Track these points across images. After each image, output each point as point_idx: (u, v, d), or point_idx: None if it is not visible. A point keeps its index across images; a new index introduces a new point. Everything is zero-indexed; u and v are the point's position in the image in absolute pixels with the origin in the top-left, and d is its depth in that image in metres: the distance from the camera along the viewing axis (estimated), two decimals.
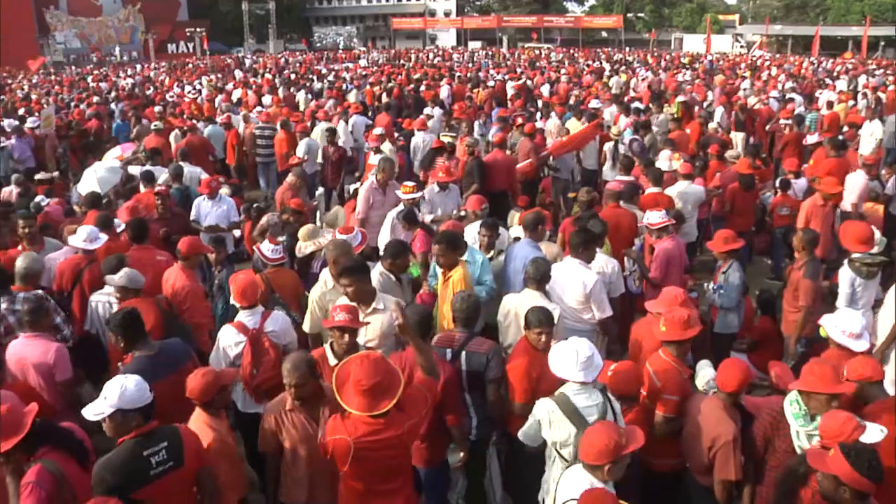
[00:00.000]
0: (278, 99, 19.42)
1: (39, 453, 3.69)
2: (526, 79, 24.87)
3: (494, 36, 70.76)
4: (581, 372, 4.18)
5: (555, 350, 4.37)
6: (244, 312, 5.32)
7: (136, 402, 3.75)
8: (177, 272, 6.38)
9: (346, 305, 4.70)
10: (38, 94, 26.07)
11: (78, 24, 64.07)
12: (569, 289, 5.99)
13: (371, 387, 3.71)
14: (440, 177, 8.87)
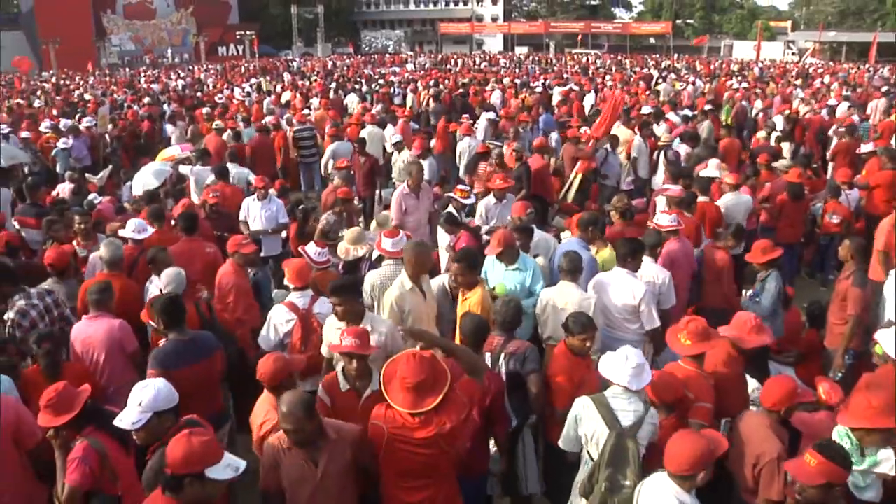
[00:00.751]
0: (326, 102, 19.55)
1: (86, 432, 3.91)
2: (573, 85, 24.68)
3: (541, 42, 70.53)
4: (631, 378, 4.19)
5: (607, 355, 4.40)
6: (295, 294, 5.77)
7: (170, 402, 3.88)
8: (227, 268, 6.54)
9: (354, 329, 4.44)
10: (94, 96, 26.64)
11: (132, 28, 65.61)
12: (616, 298, 5.93)
13: (416, 384, 3.73)
14: (497, 184, 8.64)
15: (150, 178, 10.30)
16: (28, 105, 23.99)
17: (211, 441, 3.23)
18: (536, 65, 43.91)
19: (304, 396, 3.71)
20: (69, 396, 3.94)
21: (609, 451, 4.20)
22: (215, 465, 3.18)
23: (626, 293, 5.88)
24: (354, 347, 4.26)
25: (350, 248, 7.24)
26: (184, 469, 3.13)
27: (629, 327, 5.94)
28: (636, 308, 5.88)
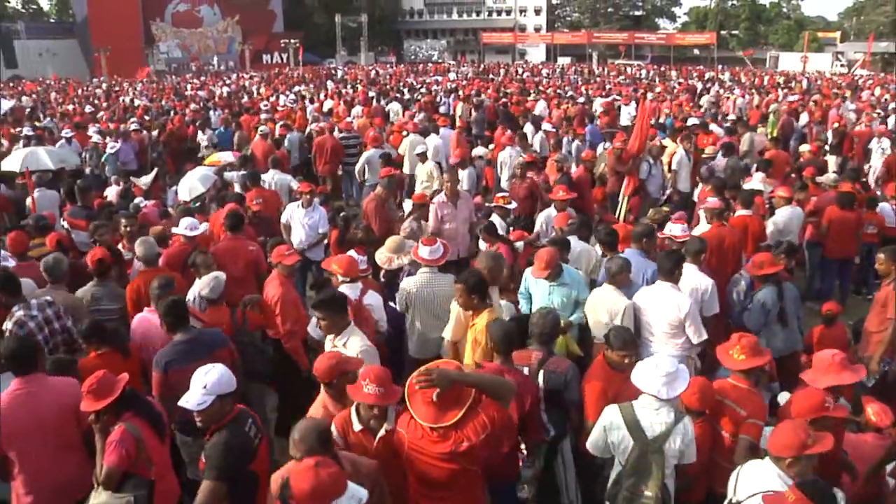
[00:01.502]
0: (368, 110, 19.68)
1: (124, 417, 4.15)
2: (616, 96, 24.50)
3: (584, 52, 70.15)
4: (663, 388, 4.16)
5: (640, 363, 4.37)
6: (346, 286, 6.00)
7: (231, 386, 4.05)
8: (273, 280, 6.55)
9: (376, 374, 3.97)
10: (142, 102, 27.15)
11: (180, 35, 66.84)
12: (661, 313, 5.86)
13: (438, 398, 3.72)
14: (560, 196, 8.56)
15: (196, 183, 10.44)
16: (81, 110, 24.50)
17: (337, 473, 3.23)
18: (579, 75, 43.73)
19: (320, 424, 3.62)
20: (109, 383, 4.16)
21: (632, 461, 4.24)
22: (340, 497, 3.18)
23: (672, 307, 5.81)
24: (376, 398, 3.92)
25: (392, 257, 7.26)
26: (311, 502, 3.13)
27: (675, 342, 5.87)
28: (682, 322, 5.81)
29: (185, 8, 67.27)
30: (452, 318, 5.70)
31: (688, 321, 5.79)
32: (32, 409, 4.37)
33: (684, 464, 4.29)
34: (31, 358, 4.59)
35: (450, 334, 5.78)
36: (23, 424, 4.33)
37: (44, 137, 16.21)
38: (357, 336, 5.09)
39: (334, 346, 5.05)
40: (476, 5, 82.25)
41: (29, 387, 4.46)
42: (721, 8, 78.81)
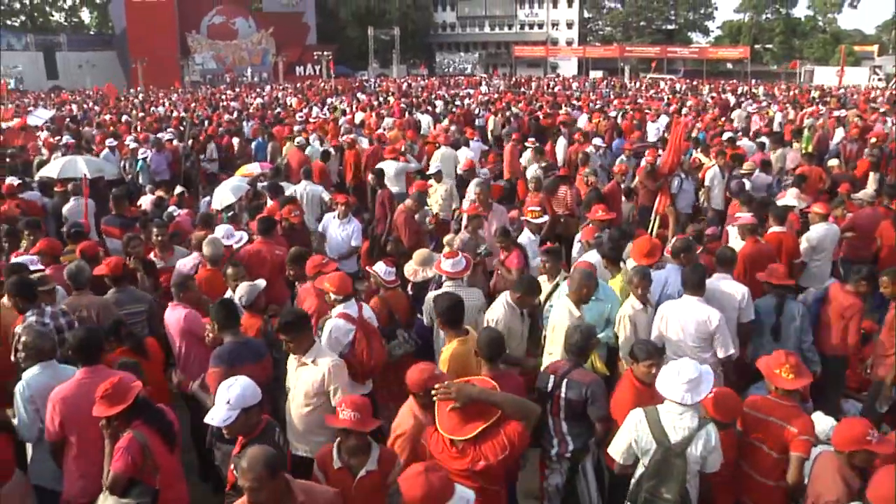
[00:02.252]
0: (400, 122, 19.75)
1: (134, 424, 4.20)
2: (647, 110, 24.35)
3: (616, 66, 70.01)
4: (686, 394, 4.17)
5: (664, 369, 4.39)
6: (344, 304, 5.85)
7: (256, 398, 4.06)
8: (309, 292, 6.56)
9: (354, 402, 3.94)
10: (177, 112, 27.54)
11: (215, 47, 67.79)
12: (690, 327, 5.81)
13: (462, 408, 3.73)
14: (599, 215, 8.42)
15: (228, 193, 10.54)
16: (117, 121, 24.90)
17: (445, 477, 3.28)
18: (610, 89, 43.59)
19: (269, 452, 3.41)
20: (123, 390, 4.21)
21: (654, 464, 4.26)
22: (449, 501, 3.22)
23: (702, 321, 5.76)
24: (351, 422, 3.86)
25: (418, 270, 7.27)
26: None
27: (702, 356, 5.79)
28: (711, 336, 5.77)
29: (220, 20, 68.27)
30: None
31: (717, 335, 5.75)
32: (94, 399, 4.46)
33: (708, 472, 4.28)
34: (97, 349, 4.86)
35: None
36: (84, 411, 4.47)
37: (81, 147, 16.51)
38: (325, 353, 5.09)
39: (303, 363, 5.00)
40: (508, 19, 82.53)
41: (93, 377, 4.64)
42: (755, 22, 78.20)
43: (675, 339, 5.89)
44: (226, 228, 7.94)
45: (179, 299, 6.15)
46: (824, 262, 8.52)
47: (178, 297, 6.16)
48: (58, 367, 5.01)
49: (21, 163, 15.12)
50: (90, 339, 4.84)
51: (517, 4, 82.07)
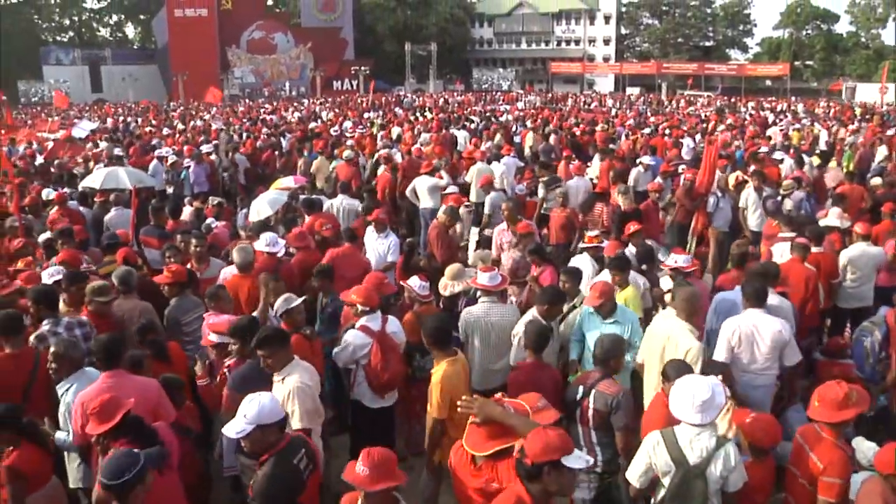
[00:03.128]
0: (437, 137, 19.81)
1: (118, 443, 4.12)
2: (685, 128, 24.13)
3: (653, 82, 69.59)
4: (698, 414, 4.10)
5: (674, 390, 4.28)
6: (367, 317, 5.96)
7: (274, 416, 4.00)
8: None
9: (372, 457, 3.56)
10: (216, 125, 27.92)
11: (254, 61, 68.90)
12: (766, 340, 5.73)
13: (486, 425, 3.75)
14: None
15: (265, 206, 10.64)
16: (159, 132, 25.33)
17: (564, 433, 3.55)
18: (647, 106, 43.38)
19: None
20: (111, 408, 4.20)
21: (674, 486, 4.21)
22: (570, 454, 3.42)
23: (776, 332, 5.71)
24: (359, 480, 3.53)
25: (449, 284, 7.28)
26: (543, 457, 3.38)
27: (772, 367, 5.79)
28: (783, 347, 5.73)
29: (259, 35, 69.40)
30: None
31: (788, 345, 5.74)
32: None
33: (730, 492, 4.21)
34: (118, 354, 4.96)
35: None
36: None
37: (122, 157, 16.84)
38: (297, 373, 4.93)
39: (276, 380, 4.97)
40: (545, 35, 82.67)
41: (114, 381, 4.78)
42: (795, 38, 77.28)
43: (748, 353, 5.78)
44: (270, 236, 8.03)
45: (212, 308, 6.27)
46: (862, 283, 8.30)
47: (210, 307, 6.28)
48: (89, 372, 5.13)
49: (66, 173, 15.42)
50: (111, 345, 4.95)
51: (554, 21, 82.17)
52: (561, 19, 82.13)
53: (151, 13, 74.37)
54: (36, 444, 4.63)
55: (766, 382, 5.80)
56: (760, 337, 5.73)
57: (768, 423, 4.50)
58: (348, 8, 72.38)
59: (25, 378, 5.39)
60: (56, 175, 14.95)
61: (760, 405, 5.65)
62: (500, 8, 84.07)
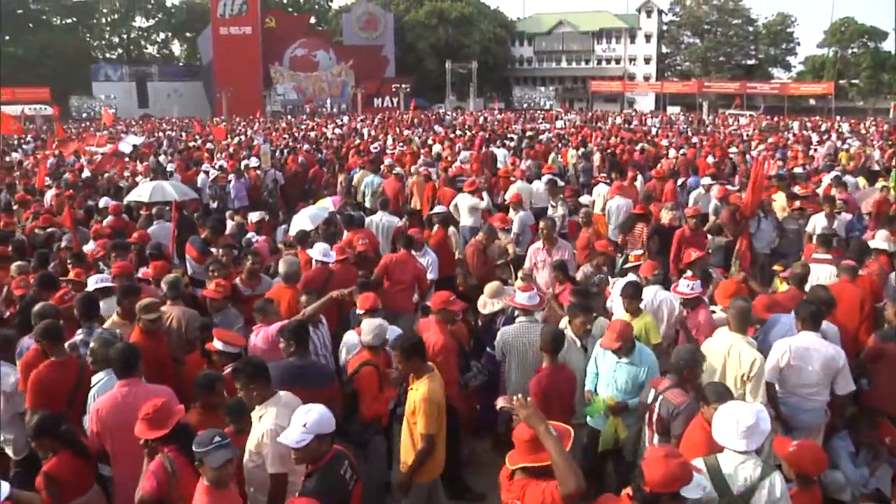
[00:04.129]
0: (478, 156, 19.85)
1: (167, 449, 4.29)
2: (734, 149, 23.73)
3: (694, 101, 69.10)
4: (742, 441, 4.04)
5: (717, 416, 4.23)
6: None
7: (330, 426, 4.09)
8: (433, 326, 6.42)
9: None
10: (258, 141, 28.31)
11: (296, 78, 69.82)
12: (816, 365, 5.66)
13: (530, 438, 3.73)
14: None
15: (306, 221, 10.76)
16: (204, 147, 25.77)
17: (685, 462, 3.61)
18: (688, 125, 43.01)
19: None
20: (164, 415, 4.33)
21: None
22: (689, 484, 3.51)
23: (829, 358, 5.64)
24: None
25: (488, 302, 7.29)
26: (663, 488, 3.47)
27: (822, 392, 5.72)
28: (836, 373, 5.65)
29: (302, 53, 70.38)
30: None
31: (842, 371, 5.65)
32: (128, 409, 4.75)
33: None
34: (134, 362, 5.11)
35: None
36: (118, 421, 4.79)
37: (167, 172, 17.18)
38: (273, 411, 4.68)
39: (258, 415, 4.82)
40: (585, 54, 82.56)
41: (128, 388, 4.98)
42: (840, 56, 76.07)
43: (798, 376, 5.72)
44: (323, 247, 8.29)
45: (259, 321, 6.37)
46: None
47: (258, 320, 6.38)
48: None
49: (113, 186, 15.76)
50: (128, 354, 5.11)
51: (595, 39, 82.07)
52: (601, 38, 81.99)
53: (197, 31, 75.90)
54: (74, 452, 4.75)
55: (815, 407, 5.72)
56: (813, 361, 5.65)
57: (814, 450, 4.38)
58: (390, 26, 73.12)
59: (71, 385, 5.54)
60: (104, 188, 15.27)
61: (807, 429, 5.58)
62: (541, 27, 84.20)
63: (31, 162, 23.62)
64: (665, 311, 7.23)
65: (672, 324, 7.20)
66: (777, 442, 4.53)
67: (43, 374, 5.47)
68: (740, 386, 5.67)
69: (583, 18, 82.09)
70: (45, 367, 5.52)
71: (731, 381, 5.71)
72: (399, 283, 8.52)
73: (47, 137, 34.52)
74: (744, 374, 5.67)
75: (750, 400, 5.57)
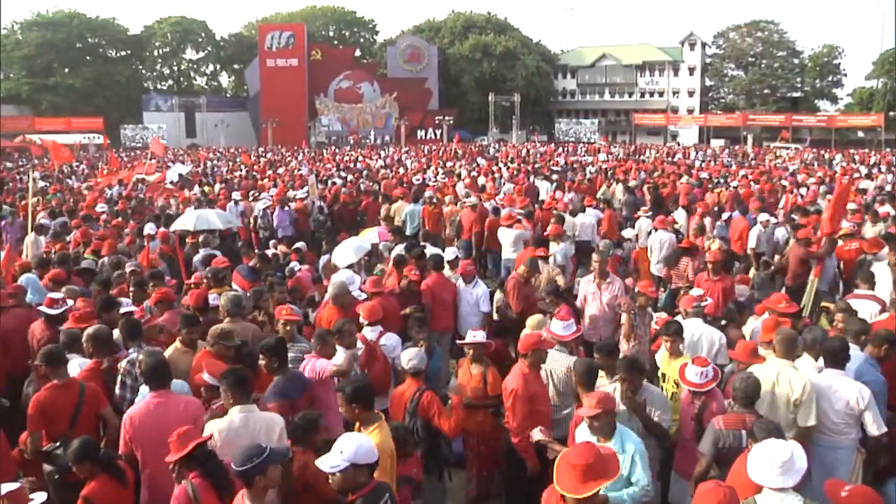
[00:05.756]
0: (520, 189, 19.88)
1: (191, 475, 4.38)
2: (785, 182, 23.38)
3: (739, 134, 68.44)
4: (778, 477, 3.89)
5: (752, 454, 4.10)
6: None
7: (368, 458, 4.10)
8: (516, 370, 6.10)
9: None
10: (303, 171, 28.71)
11: (341, 110, 70.93)
12: (836, 405, 5.55)
13: (584, 466, 3.68)
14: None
15: (349, 252, 10.83)
16: (248, 177, 26.20)
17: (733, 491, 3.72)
18: (733, 158, 42.58)
19: None
20: (185, 439, 4.43)
21: None
22: None
23: (851, 397, 5.50)
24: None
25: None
26: None
27: (847, 433, 5.57)
28: (859, 415, 5.49)
29: (347, 85, 71.59)
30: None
31: (868, 412, 5.47)
32: (159, 419, 5.08)
33: None
34: (166, 375, 5.38)
35: None
36: (149, 430, 5.07)
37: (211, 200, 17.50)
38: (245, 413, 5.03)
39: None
40: (628, 87, 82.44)
41: (159, 399, 5.24)
42: (890, 88, 74.59)
43: (822, 416, 5.60)
44: (349, 275, 8.68)
45: (316, 350, 6.28)
46: None
47: (315, 349, 6.29)
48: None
49: (164, 214, 16.06)
50: (159, 367, 5.35)
51: (638, 72, 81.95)
52: (644, 71, 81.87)
53: (245, 63, 77.76)
54: (112, 476, 4.83)
55: (846, 445, 5.60)
56: (833, 402, 5.56)
57: (869, 496, 4.20)
58: (433, 59, 74.04)
59: (72, 408, 5.69)
60: (154, 216, 15.58)
61: (833, 467, 5.48)
62: (584, 60, 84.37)
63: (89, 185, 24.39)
64: (705, 345, 7.10)
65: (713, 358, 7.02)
66: (829, 486, 4.40)
67: (44, 398, 5.66)
68: (792, 410, 5.59)
69: (626, 51, 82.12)
70: (47, 391, 5.71)
71: (783, 406, 5.64)
72: (440, 303, 8.97)
73: (99, 166, 35.50)
74: (795, 399, 5.57)
75: (801, 423, 5.52)
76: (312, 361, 6.11)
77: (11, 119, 62.28)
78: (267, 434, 4.95)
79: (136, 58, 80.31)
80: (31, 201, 15.23)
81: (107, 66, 74.81)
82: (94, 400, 5.79)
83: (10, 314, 7.79)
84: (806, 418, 5.53)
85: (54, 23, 73.14)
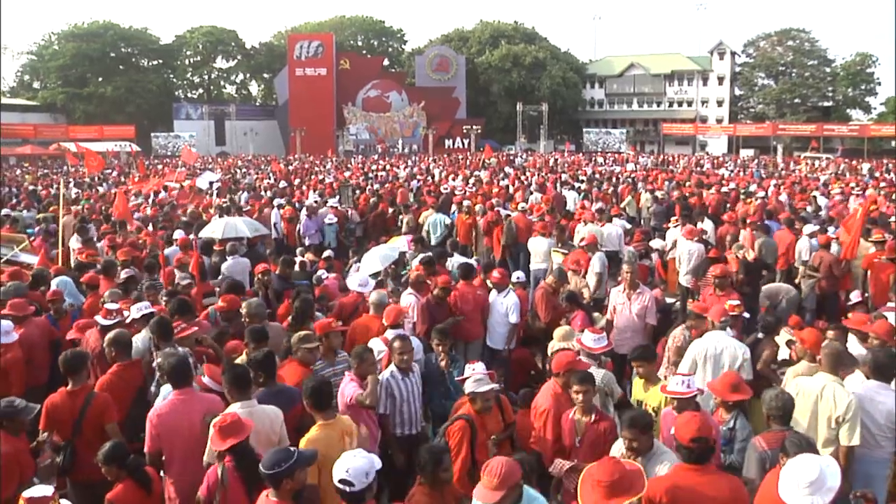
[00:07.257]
0: (548, 199, 19.82)
1: (226, 459, 4.58)
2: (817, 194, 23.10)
3: (768, 144, 67.70)
4: (807, 497, 3.72)
5: (783, 470, 3.97)
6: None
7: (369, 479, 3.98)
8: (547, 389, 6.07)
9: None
10: (330, 179, 28.87)
11: (369, 119, 71.32)
12: (878, 418, 5.50)
13: (609, 484, 3.66)
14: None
15: (377, 261, 10.86)
16: (276, 185, 26.41)
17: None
18: (762, 168, 42.15)
19: None
20: (233, 429, 4.58)
21: None
22: None
23: (892, 411, 5.45)
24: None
25: (557, 346, 7.26)
26: None
27: (885, 446, 5.52)
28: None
29: (375, 94, 72.01)
30: None
31: None
32: (182, 416, 5.29)
33: None
34: (186, 373, 5.55)
35: None
36: (173, 427, 5.25)
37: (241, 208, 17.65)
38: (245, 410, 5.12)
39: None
40: (657, 96, 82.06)
41: (182, 397, 5.42)
42: None
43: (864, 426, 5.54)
44: (360, 277, 8.95)
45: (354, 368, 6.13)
46: None
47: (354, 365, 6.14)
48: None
49: (196, 222, 16.19)
50: (180, 366, 5.52)
51: (666, 82, 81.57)
52: (673, 80, 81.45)
53: (274, 72, 78.57)
54: (137, 482, 4.91)
55: (881, 458, 5.57)
56: (876, 414, 5.51)
57: None
58: (461, 69, 74.29)
59: (75, 416, 5.76)
60: (185, 223, 15.70)
61: (868, 481, 5.40)
62: (612, 69, 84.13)
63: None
64: (727, 360, 6.83)
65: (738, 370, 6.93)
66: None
67: (52, 402, 5.80)
68: (833, 427, 5.51)
69: (654, 61, 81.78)
70: (57, 395, 5.85)
71: (823, 422, 5.58)
72: (467, 313, 8.94)
73: (130, 173, 35.99)
74: (838, 416, 5.49)
75: (844, 442, 5.45)
76: (344, 386, 5.97)
77: (47, 127, 63.72)
78: (271, 426, 5.21)
79: (167, 67, 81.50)
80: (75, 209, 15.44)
81: (139, 76, 76.08)
82: (101, 411, 5.79)
83: (32, 324, 7.77)
84: (849, 437, 5.44)
85: (89, 34, 74.54)
